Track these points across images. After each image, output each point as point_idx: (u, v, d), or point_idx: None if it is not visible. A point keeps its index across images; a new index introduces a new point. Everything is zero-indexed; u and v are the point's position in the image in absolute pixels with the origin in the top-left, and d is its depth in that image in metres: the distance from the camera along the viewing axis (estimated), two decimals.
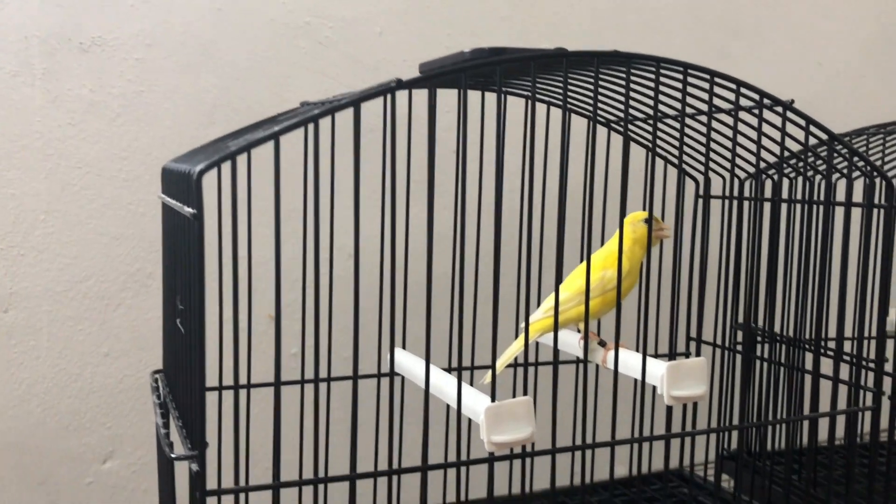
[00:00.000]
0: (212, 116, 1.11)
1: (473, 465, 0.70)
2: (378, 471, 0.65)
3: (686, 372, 0.73)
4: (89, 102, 1.05)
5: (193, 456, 0.57)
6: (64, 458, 1.07)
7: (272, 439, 0.60)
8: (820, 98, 1.51)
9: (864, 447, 1.12)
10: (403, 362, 0.84)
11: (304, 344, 0.84)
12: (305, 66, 1.15)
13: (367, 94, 0.59)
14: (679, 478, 1.08)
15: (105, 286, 1.08)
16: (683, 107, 0.72)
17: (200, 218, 0.54)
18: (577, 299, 0.80)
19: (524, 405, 0.67)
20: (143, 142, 1.08)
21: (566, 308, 0.80)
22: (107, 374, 1.09)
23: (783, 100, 0.74)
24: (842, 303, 0.84)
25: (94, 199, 1.07)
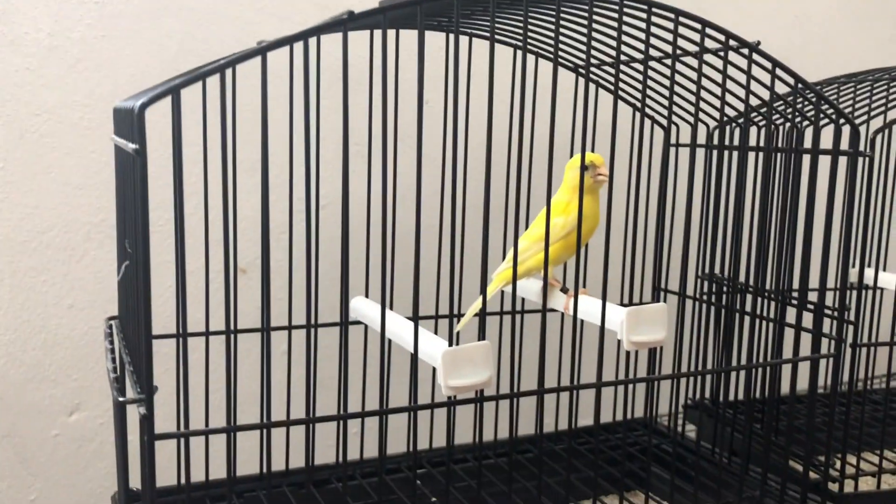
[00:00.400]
0: (175, 63, 1.08)
1: (428, 409, 0.70)
2: (333, 415, 0.65)
3: (646, 317, 0.73)
4: (48, 47, 1.02)
5: (141, 399, 0.56)
6: (29, 411, 1.06)
7: (225, 385, 0.59)
8: (795, 50, 1.49)
9: (824, 396, 1.13)
10: (364, 310, 0.83)
11: (264, 293, 0.83)
12: (271, 12, 1.12)
13: (320, 27, 0.57)
14: (642, 426, 1.09)
15: (68, 236, 1.06)
16: (647, 48, 0.70)
17: (143, 154, 0.52)
18: (535, 247, 0.79)
19: (482, 350, 0.67)
20: (104, 88, 1.06)
21: (526, 257, 0.80)
22: (72, 326, 1.08)
23: (750, 42, 0.73)
24: (806, 252, 0.83)
25: (54, 147, 1.04)
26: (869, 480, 1.00)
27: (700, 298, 1.00)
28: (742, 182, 0.87)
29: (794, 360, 0.84)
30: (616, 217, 0.92)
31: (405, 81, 1.11)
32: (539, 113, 1.01)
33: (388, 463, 0.96)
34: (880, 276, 1.03)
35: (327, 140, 1.13)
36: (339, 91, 1.16)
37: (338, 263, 1.07)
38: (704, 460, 0.98)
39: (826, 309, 0.85)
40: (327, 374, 1.11)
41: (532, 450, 1.02)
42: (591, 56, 0.80)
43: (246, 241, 1.12)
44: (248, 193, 1.11)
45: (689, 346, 1.00)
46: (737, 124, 0.94)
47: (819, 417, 1.10)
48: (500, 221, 0.97)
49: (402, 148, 1.15)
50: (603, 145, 1.16)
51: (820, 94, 0.77)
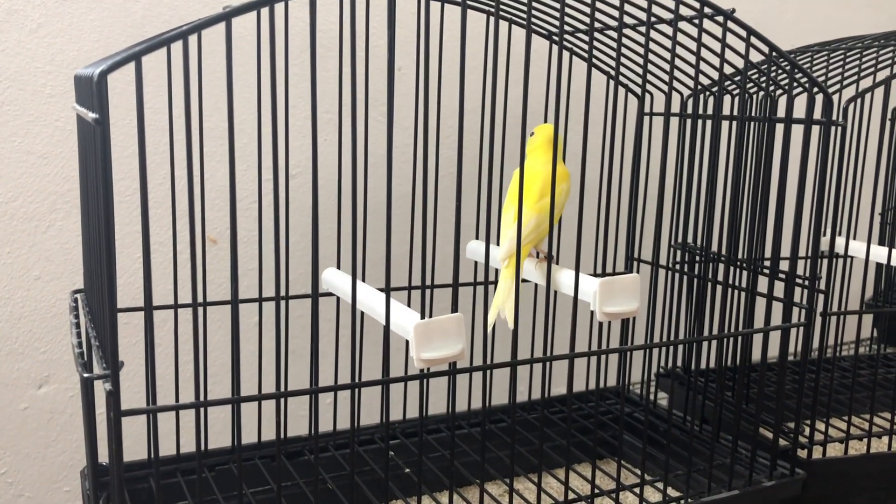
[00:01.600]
0: (141, 28, 1.05)
1: (401, 381, 0.69)
2: (304, 389, 0.64)
3: (619, 288, 0.73)
4: (7, 11, 0.99)
5: (107, 375, 0.55)
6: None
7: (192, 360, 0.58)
8: (770, 17, 1.49)
9: (795, 364, 1.14)
10: (336, 282, 0.82)
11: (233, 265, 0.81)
12: None
13: None
14: (615, 395, 1.10)
15: (34, 207, 1.04)
16: (621, 16, 0.69)
17: (104, 123, 0.51)
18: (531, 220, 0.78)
19: (455, 321, 0.66)
20: (68, 55, 1.03)
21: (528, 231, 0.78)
22: (39, 298, 1.06)
23: (724, 9, 0.72)
24: (778, 221, 0.83)
25: (17, 115, 1.01)
26: (837, 446, 1.02)
27: (673, 268, 1.00)
28: (715, 151, 0.86)
29: (765, 330, 0.84)
30: (590, 186, 0.92)
31: (376, 47, 1.09)
32: (512, 80, 1.00)
33: (361, 434, 0.96)
34: (850, 244, 1.04)
35: (297, 108, 1.11)
36: (307, 60, 1.14)
37: (308, 233, 1.06)
38: (676, 428, 0.99)
39: (797, 278, 0.86)
40: (300, 345, 1.11)
41: (505, 419, 1.02)
42: (565, 23, 0.79)
43: (216, 212, 1.10)
44: (217, 162, 1.09)
45: (662, 315, 1.01)
46: (711, 93, 0.93)
47: (789, 385, 1.11)
48: (472, 190, 0.96)
49: (374, 115, 1.14)
50: (577, 113, 1.15)
51: (794, 63, 0.77)
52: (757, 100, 0.98)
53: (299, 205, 1.10)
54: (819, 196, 0.85)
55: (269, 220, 0.99)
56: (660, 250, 0.98)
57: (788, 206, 0.83)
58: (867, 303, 1.33)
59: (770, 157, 0.88)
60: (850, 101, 0.88)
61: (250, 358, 1.10)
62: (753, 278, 0.88)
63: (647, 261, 0.98)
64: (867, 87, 0.93)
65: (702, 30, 0.72)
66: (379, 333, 0.83)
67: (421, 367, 0.66)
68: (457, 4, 0.83)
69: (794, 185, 0.83)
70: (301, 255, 1.12)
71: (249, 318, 1.12)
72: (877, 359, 1.07)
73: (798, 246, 0.85)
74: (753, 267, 0.87)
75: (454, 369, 0.70)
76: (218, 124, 1.08)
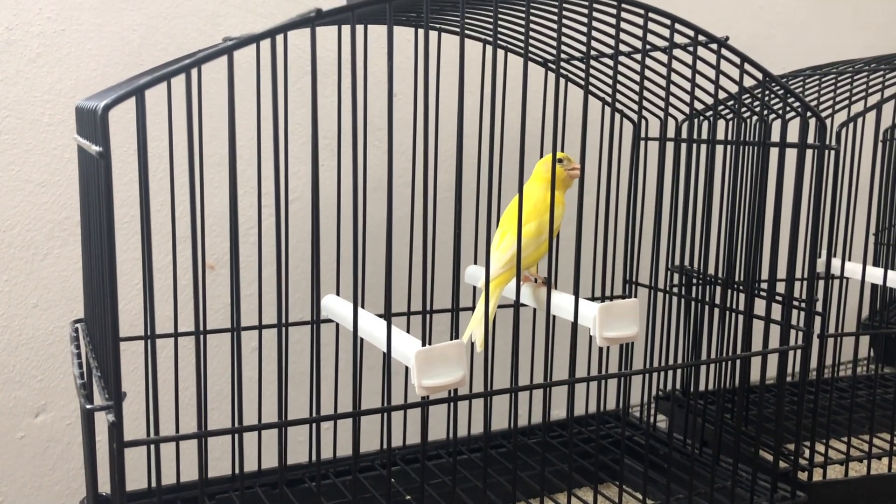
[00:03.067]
0: (139, 56, 1.06)
1: (402, 409, 0.69)
2: (305, 418, 0.64)
3: (618, 313, 0.73)
4: (6, 41, 1.00)
5: (109, 406, 0.55)
6: None
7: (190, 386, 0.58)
8: (761, 40, 1.50)
9: (793, 385, 1.14)
10: (336, 309, 0.82)
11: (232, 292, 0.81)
12: (236, 4, 1.10)
13: (286, 24, 0.56)
14: (615, 418, 1.10)
15: (31, 235, 1.04)
16: (617, 43, 0.70)
17: (107, 156, 0.51)
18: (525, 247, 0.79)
19: (455, 348, 0.67)
20: (66, 84, 1.03)
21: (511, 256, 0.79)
22: (36, 326, 1.05)
23: (718, 37, 0.73)
24: (774, 244, 0.84)
25: (15, 143, 1.02)
26: (837, 468, 1.02)
27: (671, 291, 1.00)
28: (711, 175, 0.87)
29: (763, 353, 0.84)
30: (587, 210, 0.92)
31: (374, 74, 1.10)
32: (509, 104, 1.01)
33: (362, 461, 0.95)
34: (847, 265, 1.05)
35: (296, 134, 1.12)
36: (307, 84, 1.14)
37: (307, 258, 1.06)
38: (676, 451, 0.99)
39: (794, 300, 0.86)
40: (299, 370, 1.10)
41: (506, 444, 1.02)
42: (562, 51, 0.80)
43: (215, 237, 1.11)
44: (215, 188, 1.10)
45: (661, 338, 1.01)
46: (705, 118, 0.94)
47: (788, 406, 1.11)
48: (471, 214, 0.97)
49: (372, 140, 1.14)
50: (573, 139, 1.16)
51: (787, 88, 0.78)
52: (751, 124, 0.99)
53: (298, 230, 1.10)
54: (814, 218, 0.85)
55: (267, 246, 0.99)
56: (657, 273, 0.98)
57: (784, 228, 0.84)
58: (864, 323, 1.33)
59: (765, 181, 0.89)
60: (843, 126, 0.89)
61: (248, 384, 1.10)
62: (751, 301, 0.88)
63: (645, 284, 0.98)
64: (859, 111, 0.94)
65: (696, 57, 0.73)
66: (378, 358, 0.83)
67: (422, 395, 0.67)
68: (454, 34, 0.84)
69: (789, 207, 0.84)
70: (299, 279, 1.12)
71: (247, 342, 1.11)
72: (875, 379, 1.07)
73: (794, 268, 0.85)
74: (751, 290, 0.87)
75: (455, 396, 0.70)
76: (216, 150, 1.08)
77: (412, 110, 0.97)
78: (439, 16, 0.81)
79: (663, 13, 0.70)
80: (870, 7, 1.63)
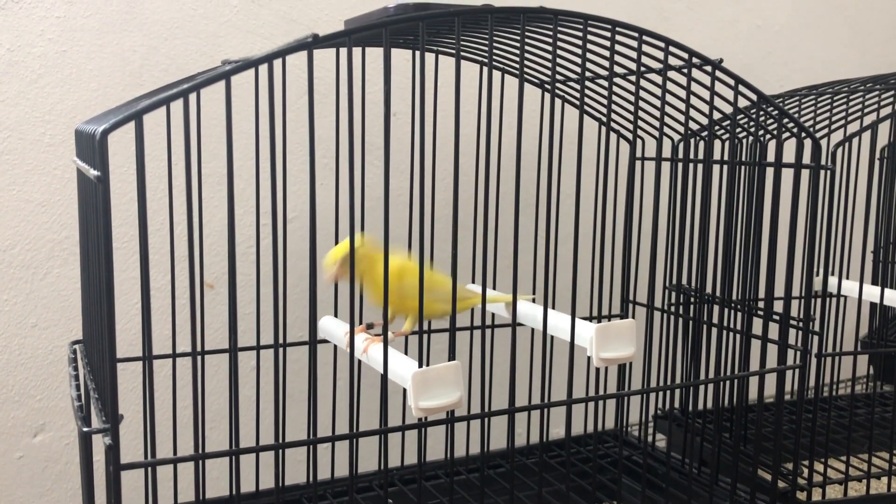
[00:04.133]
0: (139, 77, 1.07)
1: (399, 431, 0.69)
2: (302, 440, 0.64)
3: (615, 334, 0.73)
4: (8, 62, 1.00)
5: (106, 429, 0.55)
6: None
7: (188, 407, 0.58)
8: (758, 59, 1.51)
9: (792, 404, 1.14)
10: (333, 330, 0.83)
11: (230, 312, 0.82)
12: (236, 25, 1.11)
13: (284, 49, 0.57)
14: (613, 438, 1.10)
15: (31, 255, 1.04)
16: (611, 65, 0.71)
17: (105, 181, 0.52)
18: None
19: (452, 370, 0.67)
20: (67, 104, 1.04)
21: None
22: (35, 346, 1.06)
23: (713, 59, 0.73)
24: (771, 263, 0.84)
25: (16, 164, 1.02)
26: (836, 487, 1.01)
27: (668, 310, 1.00)
28: (707, 194, 0.88)
29: (760, 373, 0.84)
30: (584, 230, 0.93)
31: (372, 94, 1.11)
32: (506, 125, 1.02)
33: (359, 482, 0.95)
34: (843, 283, 1.05)
35: (294, 153, 1.12)
36: (305, 104, 1.15)
37: (305, 278, 1.06)
38: (674, 471, 0.99)
39: (791, 320, 0.86)
40: (297, 390, 1.10)
41: (504, 465, 1.02)
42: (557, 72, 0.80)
43: (213, 257, 1.11)
44: (214, 208, 1.10)
45: (658, 357, 1.01)
46: (701, 138, 0.95)
47: (786, 426, 1.11)
48: (468, 233, 0.97)
49: (370, 159, 1.15)
50: (569, 158, 1.16)
51: (782, 110, 0.78)
52: (747, 144, 0.99)
53: (296, 249, 1.10)
54: (810, 237, 0.86)
55: (265, 265, 1.00)
56: (654, 292, 0.99)
57: (781, 247, 0.84)
58: (862, 340, 1.33)
59: (761, 200, 0.89)
60: (839, 146, 0.90)
61: (245, 403, 1.10)
62: (748, 320, 0.89)
63: (643, 303, 0.98)
64: (855, 131, 0.94)
65: (690, 79, 0.74)
66: (375, 378, 0.83)
67: (419, 416, 0.67)
68: (451, 55, 0.84)
69: (785, 226, 0.84)
70: (297, 299, 1.12)
71: (245, 362, 1.12)
72: (873, 397, 1.07)
73: (791, 287, 0.86)
74: (748, 309, 0.87)
75: (452, 417, 0.70)
76: (214, 170, 1.09)
77: (409, 130, 0.98)
78: (436, 38, 0.82)
79: (657, 36, 0.70)
80: (866, 27, 1.64)
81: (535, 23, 0.68)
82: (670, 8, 1.41)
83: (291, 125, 1.06)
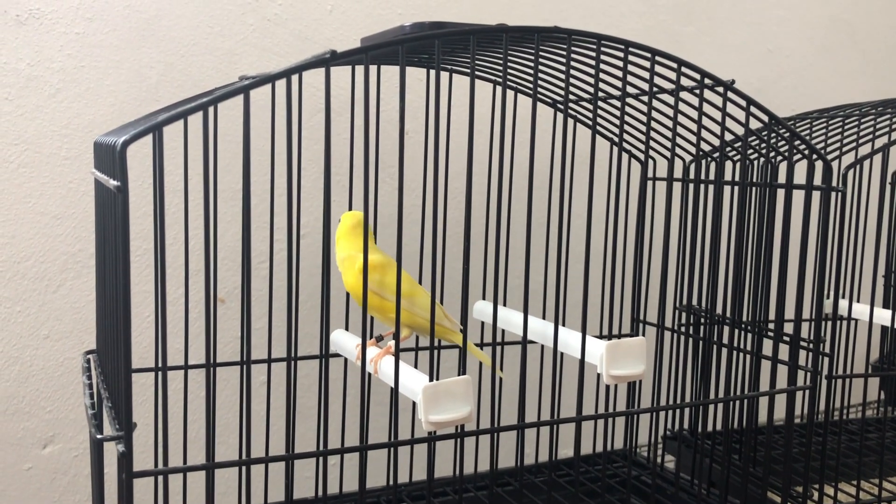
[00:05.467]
0: (155, 93, 1.08)
1: (408, 444, 0.70)
2: (313, 451, 0.64)
3: (625, 351, 0.73)
4: (27, 77, 1.02)
5: (120, 437, 0.55)
6: (2, 444, 1.05)
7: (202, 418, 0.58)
8: (769, 83, 1.52)
9: (801, 427, 1.14)
10: (344, 343, 0.83)
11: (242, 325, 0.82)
12: (252, 43, 1.13)
13: (302, 65, 0.58)
14: (623, 458, 1.09)
15: (45, 267, 1.05)
16: (624, 86, 0.72)
17: (125, 191, 0.52)
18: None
19: (463, 384, 0.67)
20: (84, 119, 1.05)
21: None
22: (47, 357, 1.06)
23: (724, 80, 0.74)
24: (782, 284, 0.84)
25: (32, 177, 1.04)
26: None
27: (678, 330, 1.00)
28: (718, 215, 0.88)
29: (770, 393, 0.84)
30: (595, 249, 0.93)
31: (385, 112, 1.12)
32: (518, 144, 1.02)
33: (368, 497, 0.95)
34: (854, 306, 1.05)
35: (307, 170, 1.13)
36: (319, 121, 1.16)
37: (317, 293, 1.07)
38: (683, 492, 0.98)
39: (802, 341, 0.86)
40: (306, 405, 1.11)
41: (512, 483, 1.01)
42: (570, 92, 0.81)
43: (226, 271, 1.12)
44: (227, 223, 1.11)
45: (668, 377, 1.01)
46: (712, 159, 0.95)
47: (796, 448, 1.11)
48: (480, 251, 0.98)
49: (382, 177, 1.16)
50: (581, 178, 1.17)
51: (793, 131, 0.79)
52: (758, 166, 1.00)
53: (307, 264, 1.11)
54: (821, 260, 0.86)
55: (277, 280, 1.00)
56: (665, 312, 0.99)
57: (791, 269, 0.84)
58: (873, 365, 1.33)
59: (772, 222, 0.89)
60: (850, 168, 0.90)
61: (257, 416, 1.10)
62: (758, 341, 0.89)
63: (653, 323, 0.98)
64: (866, 153, 0.95)
65: (702, 100, 0.75)
66: (385, 394, 0.84)
67: (429, 430, 0.67)
68: (464, 74, 0.85)
69: (796, 248, 0.84)
70: (308, 314, 1.13)
71: (255, 376, 1.12)
72: (884, 422, 1.06)
73: (802, 309, 0.86)
74: (758, 329, 0.87)
75: (462, 432, 0.70)
76: (229, 185, 1.10)
77: (422, 148, 0.99)
78: (450, 57, 0.83)
79: (670, 56, 0.71)
80: (877, 51, 1.65)
81: (549, 42, 0.69)
82: (681, 31, 1.42)
83: (305, 142, 1.08)
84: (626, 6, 1.37)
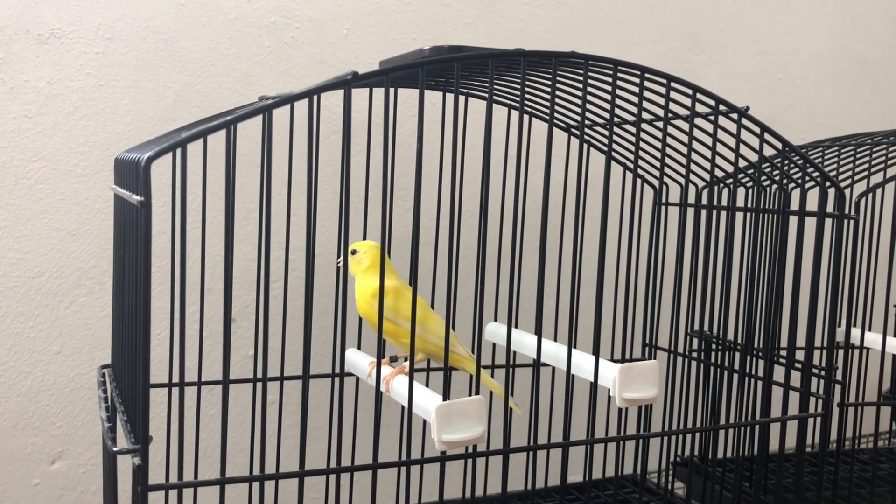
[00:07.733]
0: (172, 113, 1.10)
1: (420, 463, 0.70)
2: (325, 468, 0.64)
3: (638, 374, 0.73)
4: (47, 95, 1.03)
5: (136, 450, 0.55)
6: (10, 459, 1.05)
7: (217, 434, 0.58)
8: (780, 111, 1.53)
9: (813, 456, 1.13)
10: (357, 362, 0.83)
11: (256, 343, 0.83)
12: (269, 66, 1.14)
13: (323, 86, 0.59)
14: (633, 483, 1.09)
15: (59, 282, 1.06)
16: (640, 111, 0.72)
17: (148, 206, 0.53)
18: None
19: (476, 404, 0.67)
20: (101, 136, 1.07)
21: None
22: (58, 373, 1.07)
23: (739, 107, 0.75)
24: (794, 311, 0.84)
25: (49, 193, 1.05)
26: None
27: (690, 356, 1.00)
28: (731, 241, 0.88)
29: (782, 419, 0.84)
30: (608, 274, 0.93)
31: (399, 135, 1.13)
32: (532, 168, 1.03)
33: None
34: (866, 335, 1.05)
35: (321, 191, 1.14)
36: (334, 142, 1.17)
37: (329, 312, 1.07)
38: None
39: (814, 368, 0.86)
40: (315, 425, 1.10)
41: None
42: (586, 117, 0.82)
43: (238, 290, 1.12)
44: (241, 241, 1.12)
45: (679, 403, 1.01)
46: (725, 185, 0.96)
47: (807, 476, 1.10)
48: (492, 273, 0.98)
49: (396, 199, 1.17)
50: (595, 202, 1.17)
51: (806, 158, 0.79)
52: (770, 192, 1.00)
53: (320, 284, 1.11)
54: (833, 287, 0.86)
55: (291, 300, 1.01)
56: (677, 338, 0.99)
57: (803, 296, 0.84)
58: (885, 395, 1.32)
59: (784, 249, 0.90)
60: (863, 196, 0.91)
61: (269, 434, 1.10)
62: (770, 367, 0.88)
63: (665, 348, 0.98)
64: (878, 182, 0.95)
65: (717, 126, 0.75)
66: (396, 415, 0.84)
67: (441, 450, 0.67)
68: (481, 98, 0.86)
69: (808, 275, 0.84)
70: (319, 333, 1.13)
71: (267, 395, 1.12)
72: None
73: (814, 336, 0.86)
74: (769, 356, 0.87)
75: (473, 452, 0.70)
76: (243, 204, 1.11)
77: (437, 171, 1.00)
78: (467, 81, 0.84)
79: (685, 83, 0.72)
80: (888, 81, 1.66)
81: (566, 67, 0.70)
82: (693, 59, 1.44)
83: (320, 164, 1.08)
84: (639, 34, 1.39)
